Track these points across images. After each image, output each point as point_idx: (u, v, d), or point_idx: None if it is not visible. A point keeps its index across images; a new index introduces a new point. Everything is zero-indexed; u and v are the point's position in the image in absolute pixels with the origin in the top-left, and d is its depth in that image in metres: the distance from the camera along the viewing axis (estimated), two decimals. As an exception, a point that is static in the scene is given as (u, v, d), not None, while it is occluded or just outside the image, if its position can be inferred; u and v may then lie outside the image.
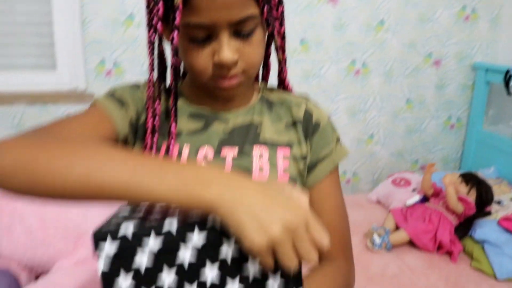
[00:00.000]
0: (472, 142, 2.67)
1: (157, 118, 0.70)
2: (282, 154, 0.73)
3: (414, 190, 2.27)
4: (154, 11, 0.62)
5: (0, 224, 1.45)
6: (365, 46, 2.49)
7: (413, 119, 2.67)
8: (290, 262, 0.45)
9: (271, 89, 0.81)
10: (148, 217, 0.51)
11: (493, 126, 2.67)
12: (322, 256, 0.75)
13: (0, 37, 2.15)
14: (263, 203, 0.45)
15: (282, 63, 0.76)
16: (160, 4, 0.60)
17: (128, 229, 0.47)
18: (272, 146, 0.73)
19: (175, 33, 0.60)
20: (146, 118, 0.71)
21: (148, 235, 0.47)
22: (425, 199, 2.16)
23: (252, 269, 0.50)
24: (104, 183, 0.46)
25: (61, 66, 2.19)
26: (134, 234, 0.47)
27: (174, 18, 0.58)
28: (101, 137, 0.64)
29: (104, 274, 0.47)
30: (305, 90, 2.39)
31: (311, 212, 0.47)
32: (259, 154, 0.72)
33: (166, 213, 0.52)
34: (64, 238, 1.46)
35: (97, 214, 1.52)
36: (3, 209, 1.48)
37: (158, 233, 0.47)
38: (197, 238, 0.48)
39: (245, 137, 0.73)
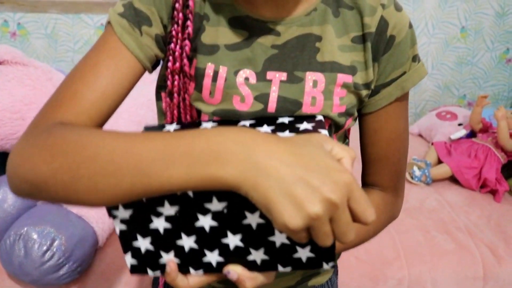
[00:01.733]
0: (529, 78, 2.46)
1: (188, 23, 0.57)
2: (341, 82, 0.59)
3: (460, 124, 2.13)
4: None
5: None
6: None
7: (466, 49, 2.46)
8: (325, 240, 0.38)
9: None
10: None
11: (555, 62, 2.44)
12: (369, 183, 0.69)
13: None
14: (296, 174, 0.36)
15: None
16: None
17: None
18: (332, 71, 0.58)
19: None
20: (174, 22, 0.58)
21: (162, 204, 0.44)
22: (472, 134, 2.02)
23: (279, 236, 0.45)
24: (115, 187, 0.41)
25: (94, -28, 2.08)
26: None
27: None
28: (128, 79, 0.56)
29: (121, 235, 0.47)
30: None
31: (355, 181, 0.38)
32: (313, 82, 0.58)
33: None
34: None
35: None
36: (30, 114, 1.45)
37: (173, 201, 0.44)
38: (216, 205, 0.44)
39: (299, 57, 0.58)
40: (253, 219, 0.44)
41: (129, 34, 0.56)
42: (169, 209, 0.44)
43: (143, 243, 0.47)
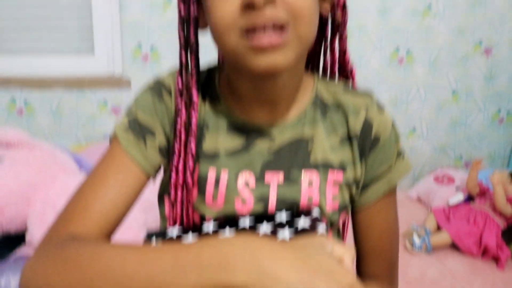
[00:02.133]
0: (523, 138, 2.51)
1: (185, 134, 0.61)
2: (333, 179, 0.63)
3: (457, 188, 2.16)
4: None
5: (33, 211, 1.45)
6: (410, 32, 2.35)
7: (459, 112, 2.53)
8: None
9: (327, 83, 0.67)
10: None
11: (546, 121, 2.50)
12: (364, 273, 0.71)
13: (41, 21, 2.15)
14: (302, 278, 0.38)
15: (341, 42, 0.64)
16: None
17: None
18: (324, 169, 0.63)
19: None
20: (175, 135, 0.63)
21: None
22: (469, 198, 2.05)
23: None
24: None
25: (99, 50, 2.19)
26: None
27: None
28: (135, 190, 0.60)
29: None
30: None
31: (358, 281, 0.41)
32: (308, 181, 0.62)
33: None
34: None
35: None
36: (36, 197, 1.48)
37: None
38: None
39: (293, 158, 0.62)
40: None
41: (135, 147, 0.60)
42: None
43: None
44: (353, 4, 2.22)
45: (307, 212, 0.58)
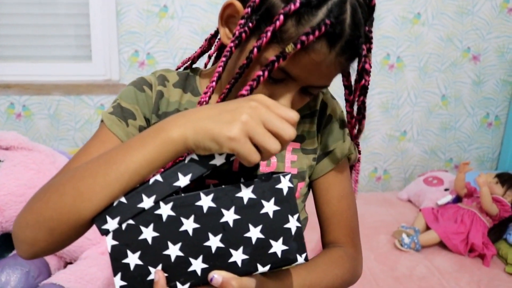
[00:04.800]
0: (511, 141, 2.56)
1: None
2: (291, 147, 0.72)
3: (446, 189, 2.21)
4: (273, 24, 0.55)
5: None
6: (400, 39, 2.42)
7: (448, 116, 2.59)
8: (270, 143, 0.48)
9: None
10: None
11: (533, 125, 2.56)
12: (329, 242, 0.77)
13: (40, 29, 2.21)
14: (221, 110, 0.50)
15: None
16: (268, 35, 0.54)
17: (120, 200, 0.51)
18: None
19: (266, 72, 0.56)
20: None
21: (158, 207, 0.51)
22: (457, 199, 2.09)
23: (254, 231, 0.52)
24: (94, 185, 0.51)
25: (96, 57, 2.24)
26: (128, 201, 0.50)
27: (277, 60, 0.55)
28: None
29: (112, 252, 0.51)
30: (337, 84, 2.35)
31: (264, 106, 0.50)
32: None
33: None
34: (92, 229, 1.49)
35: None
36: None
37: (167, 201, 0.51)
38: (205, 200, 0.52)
39: None
40: (229, 216, 0.51)
41: (117, 126, 0.68)
42: (164, 209, 0.50)
43: (133, 259, 0.51)
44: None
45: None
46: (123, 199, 0.50)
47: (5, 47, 2.23)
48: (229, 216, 0.51)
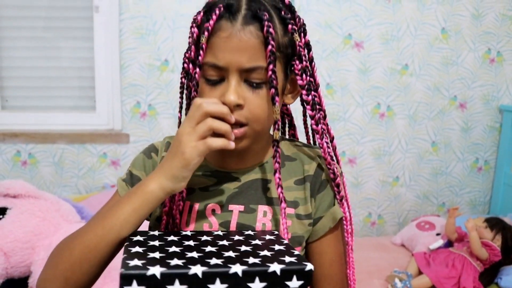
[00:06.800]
0: (501, 185, 2.64)
1: None
2: (286, 213, 0.75)
3: (438, 234, 2.26)
4: (187, 55, 0.72)
5: (37, 258, 1.55)
6: (390, 89, 2.55)
7: (439, 161, 2.68)
8: (216, 123, 0.64)
9: (292, 141, 0.85)
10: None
11: (522, 170, 2.65)
12: None
13: (47, 81, 2.34)
14: (171, 147, 0.68)
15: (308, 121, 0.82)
16: (192, 48, 0.70)
17: (155, 272, 0.52)
18: (278, 205, 0.76)
19: (197, 70, 0.69)
20: None
21: (173, 283, 0.52)
22: (449, 243, 2.14)
23: None
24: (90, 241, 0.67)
25: (100, 108, 2.35)
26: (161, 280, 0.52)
27: (198, 56, 0.68)
28: None
29: None
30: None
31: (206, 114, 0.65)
32: (263, 212, 0.76)
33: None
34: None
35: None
36: (40, 244, 1.58)
37: (183, 280, 0.53)
38: (218, 286, 0.54)
39: (254, 195, 0.77)
40: None
41: (126, 191, 0.78)
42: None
43: None
44: (337, 65, 2.44)
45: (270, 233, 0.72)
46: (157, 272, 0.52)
47: (14, 98, 2.35)
48: None
